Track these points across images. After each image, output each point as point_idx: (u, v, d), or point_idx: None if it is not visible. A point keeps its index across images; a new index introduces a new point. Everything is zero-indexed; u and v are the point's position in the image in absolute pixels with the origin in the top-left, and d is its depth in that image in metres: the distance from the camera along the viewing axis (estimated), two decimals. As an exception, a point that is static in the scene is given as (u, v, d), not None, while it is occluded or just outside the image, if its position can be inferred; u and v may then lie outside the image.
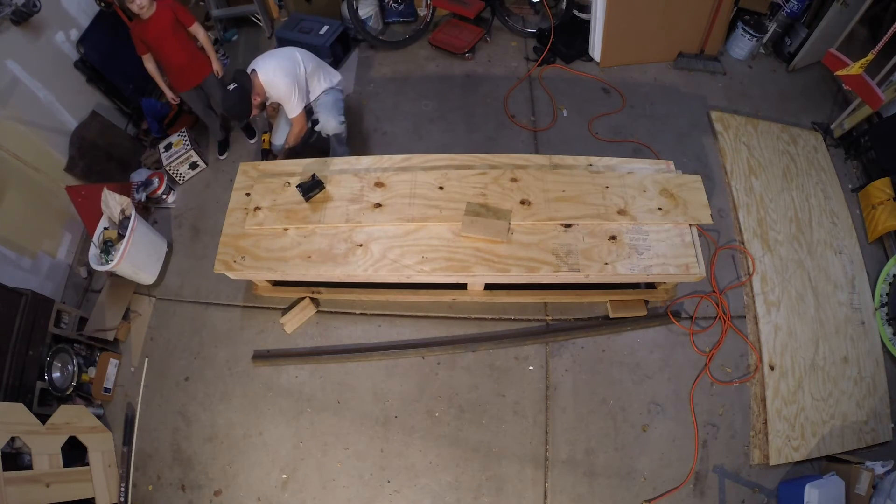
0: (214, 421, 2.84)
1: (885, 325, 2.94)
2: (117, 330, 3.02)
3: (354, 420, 2.78)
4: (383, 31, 4.41)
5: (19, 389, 2.54)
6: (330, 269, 2.60)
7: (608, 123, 3.76)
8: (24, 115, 3.01)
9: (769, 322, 2.92)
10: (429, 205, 2.69)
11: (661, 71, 4.05)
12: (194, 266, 3.28)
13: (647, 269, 2.54)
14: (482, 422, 2.75)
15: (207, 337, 3.06)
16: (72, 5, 3.33)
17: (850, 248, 3.18)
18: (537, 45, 4.18)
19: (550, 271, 2.52)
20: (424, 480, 2.64)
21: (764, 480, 2.62)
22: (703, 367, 2.84)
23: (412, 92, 3.99)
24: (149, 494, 2.71)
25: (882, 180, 3.23)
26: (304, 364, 2.91)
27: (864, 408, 2.75)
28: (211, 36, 4.37)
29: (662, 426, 2.72)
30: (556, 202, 2.69)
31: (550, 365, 2.86)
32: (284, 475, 2.69)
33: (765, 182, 3.38)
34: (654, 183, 2.75)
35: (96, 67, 3.45)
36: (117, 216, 3.03)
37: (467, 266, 2.56)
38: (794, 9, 3.84)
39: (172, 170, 3.55)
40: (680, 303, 3.01)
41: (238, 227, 2.75)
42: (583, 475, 2.62)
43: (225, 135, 3.69)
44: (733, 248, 3.18)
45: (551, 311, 3.00)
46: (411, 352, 2.90)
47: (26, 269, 2.96)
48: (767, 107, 3.85)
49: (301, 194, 2.70)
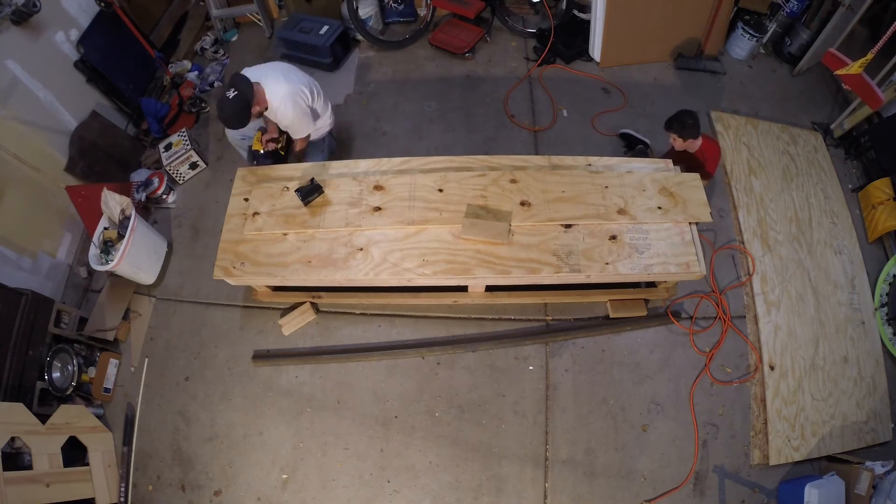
0: (214, 421, 2.84)
1: (885, 325, 2.94)
2: (117, 330, 3.02)
3: (354, 420, 2.78)
4: (383, 31, 4.41)
5: (19, 389, 2.54)
6: (330, 273, 2.59)
7: (608, 123, 3.75)
8: (24, 115, 3.01)
9: (769, 322, 2.92)
10: (428, 207, 2.69)
11: (661, 71, 4.04)
12: (194, 266, 3.28)
13: (647, 269, 2.54)
14: (482, 422, 2.75)
15: (207, 337, 3.06)
16: (72, 5, 3.33)
17: (850, 248, 3.19)
18: (537, 45, 4.18)
19: (551, 272, 2.52)
20: (424, 480, 2.64)
21: (764, 480, 2.62)
22: (703, 367, 2.84)
23: (412, 92, 3.99)
24: (149, 494, 2.71)
25: (882, 180, 3.23)
26: (304, 364, 2.91)
27: (864, 408, 2.75)
28: (211, 36, 4.40)
29: (662, 426, 2.72)
30: (555, 203, 2.69)
31: (550, 365, 2.86)
32: (284, 475, 2.69)
33: (765, 182, 3.38)
34: (653, 182, 2.75)
35: (96, 67, 3.45)
36: (117, 216, 3.03)
37: (468, 268, 2.56)
38: (794, 9, 3.84)
39: (172, 170, 3.55)
40: (680, 303, 3.01)
41: (237, 233, 2.74)
42: (583, 475, 2.62)
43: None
44: (733, 248, 3.18)
45: (551, 311, 3.00)
46: (411, 352, 2.90)
47: (26, 269, 2.96)
48: (767, 107, 3.84)
49: (300, 199, 2.69)
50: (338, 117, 3.88)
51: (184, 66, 4.18)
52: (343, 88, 4.06)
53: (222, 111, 2.63)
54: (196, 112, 3.98)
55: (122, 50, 3.64)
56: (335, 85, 4.08)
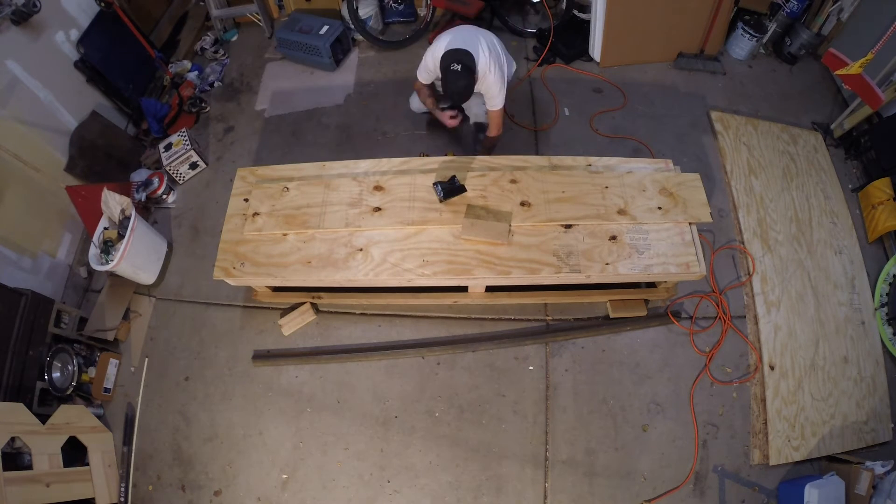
0: (214, 421, 2.84)
1: (885, 325, 2.94)
2: (117, 330, 3.03)
3: (354, 420, 2.78)
4: (383, 31, 4.41)
5: (19, 389, 2.54)
6: (330, 273, 2.59)
7: (608, 123, 3.75)
8: (24, 115, 3.01)
9: (769, 322, 2.92)
10: (428, 208, 2.69)
11: (661, 71, 4.04)
12: (194, 266, 3.28)
13: (647, 269, 2.54)
14: (482, 422, 2.75)
15: (207, 337, 3.06)
16: (72, 5, 3.33)
17: (850, 248, 3.18)
18: (537, 45, 4.18)
19: (552, 272, 2.52)
20: (424, 480, 2.65)
21: (764, 480, 2.62)
22: (703, 367, 2.84)
23: (412, 92, 3.98)
24: (149, 494, 2.71)
25: (882, 180, 3.23)
26: (304, 364, 2.92)
27: (864, 408, 2.75)
28: (211, 36, 4.40)
29: (662, 426, 2.72)
30: (555, 203, 2.69)
31: (550, 365, 2.86)
32: (284, 475, 2.70)
33: (765, 182, 3.38)
34: (653, 182, 2.75)
35: (96, 67, 3.45)
36: (117, 216, 3.03)
37: (468, 269, 2.56)
38: (794, 9, 3.84)
39: (172, 170, 3.55)
40: (680, 303, 3.01)
41: (237, 233, 2.74)
42: (583, 475, 2.62)
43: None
44: (733, 248, 3.18)
45: (551, 311, 3.00)
46: (411, 352, 2.90)
47: (26, 269, 2.96)
48: (767, 107, 3.84)
49: (438, 194, 2.63)
50: (338, 117, 3.90)
51: (184, 66, 4.18)
52: (343, 88, 4.06)
53: (455, 85, 2.65)
54: (196, 112, 3.98)
55: (122, 50, 3.64)
56: (335, 85, 4.08)
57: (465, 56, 2.64)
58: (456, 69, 2.60)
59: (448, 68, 2.63)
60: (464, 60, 2.61)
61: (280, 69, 4.23)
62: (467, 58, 2.64)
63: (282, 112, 3.96)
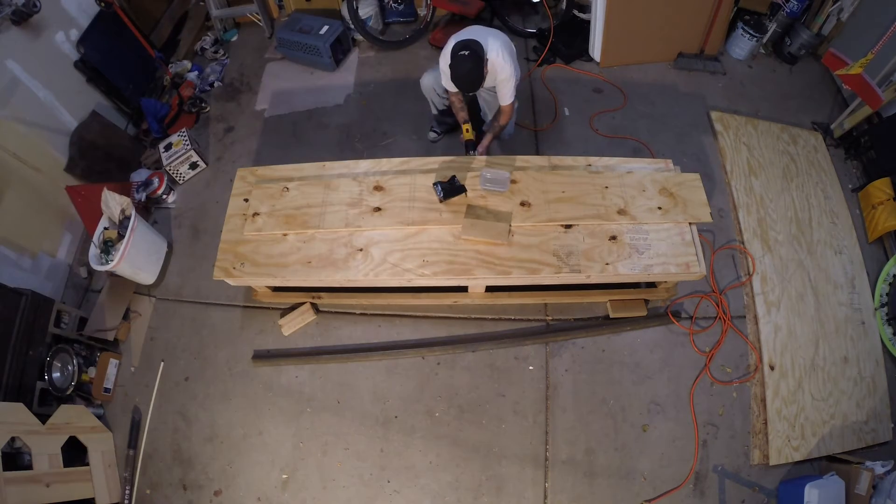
0: (214, 421, 2.84)
1: (885, 325, 2.94)
2: (117, 330, 3.02)
3: (354, 420, 2.78)
4: (383, 31, 4.41)
5: (19, 389, 2.54)
6: (330, 273, 2.59)
7: (608, 123, 3.75)
8: (24, 115, 3.01)
9: (769, 322, 2.92)
10: (428, 208, 2.69)
11: (661, 71, 4.04)
12: (194, 266, 3.28)
13: (647, 269, 2.54)
14: (482, 422, 2.75)
15: (207, 337, 3.06)
16: (72, 5, 3.33)
17: (850, 248, 3.18)
18: (537, 45, 4.18)
19: (552, 273, 2.52)
20: (424, 480, 2.65)
21: (764, 480, 2.62)
22: (703, 367, 2.84)
23: (412, 92, 3.95)
24: (149, 494, 2.71)
25: (882, 180, 3.23)
26: (304, 364, 2.91)
27: (864, 408, 2.75)
28: (211, 36, 4.40)
29: (662, 426, 2.72)
30: (555, 203, 2.69)
31: (550, 365, 2.86)
32: (284, 475, 2.70)
33: (765, 182, 3.38)
34: (653, 182, 2.75)
35: (96, 67, 3.45)
36: (117, 216, 3.03)
37: (468, 269, 2.56)
38: (794, 9, 3.84)
39: (172, 170, 3.55)
40: (680, 303, 3.01)
41: (237, 234, 2.73)
42: (583, 475, 2.62)
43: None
44: (733, 248, 3.18)
45: (551, 311, 3.00)
46: (411, 352, 2.90)
47: (26, 269, 2.96)
48: (767, 107, 3.84)
49: (438, 194, 2.62)
50: (338, 117, 3.90)
51: (184, 66, 4.18)
52: (343, 88, 4.06)
53: (460, 69, 2.64)
54: (196, 112, 3.98)
55: (122, 50, 3.64)
56: (335, 85, 4.08)
57: (474, 44, 2.64)
58: (463, 54, 2.61)
59: (456, 55, 2.64)
60: (472, 47, 2.63)
61: (280, 69, 4.23)
62: (476, 45, 2.65)
63: (282, 112, 3.97)
